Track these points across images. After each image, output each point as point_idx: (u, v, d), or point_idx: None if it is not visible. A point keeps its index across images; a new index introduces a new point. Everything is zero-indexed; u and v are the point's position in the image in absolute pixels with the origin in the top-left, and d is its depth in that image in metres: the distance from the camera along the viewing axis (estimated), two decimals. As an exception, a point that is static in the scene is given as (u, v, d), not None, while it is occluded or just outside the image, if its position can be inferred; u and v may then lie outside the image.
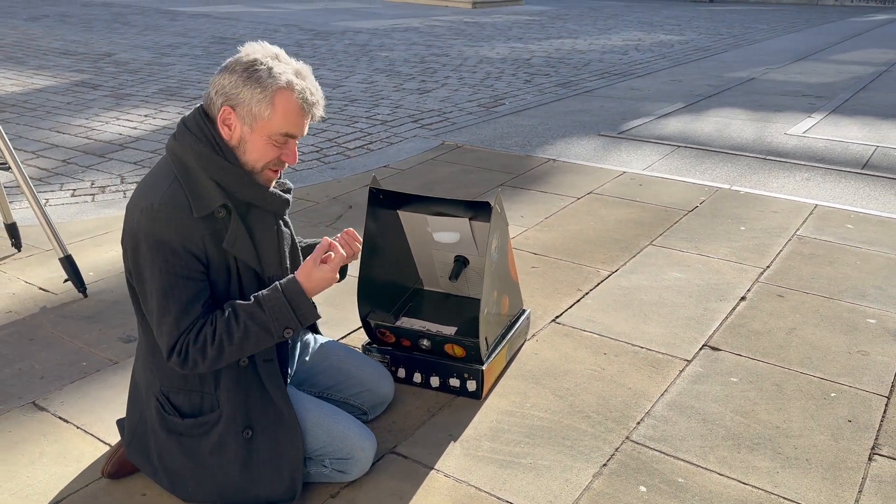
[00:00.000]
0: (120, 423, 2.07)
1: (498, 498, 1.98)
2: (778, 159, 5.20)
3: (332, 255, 1.82)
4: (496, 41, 11.71)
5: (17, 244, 3.52)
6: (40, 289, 3.18)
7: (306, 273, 1.79)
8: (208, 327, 1.73)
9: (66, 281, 3.12)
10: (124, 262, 1.84)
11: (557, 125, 6.15)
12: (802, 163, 5.12)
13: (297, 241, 2.05)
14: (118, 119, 6.23)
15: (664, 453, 2.17)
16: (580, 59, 9.96)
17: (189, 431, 1.88)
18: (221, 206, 1.75)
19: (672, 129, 6.04)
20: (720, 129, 6.07)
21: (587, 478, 2.06)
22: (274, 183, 1.89)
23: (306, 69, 1.79)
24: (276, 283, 1.80)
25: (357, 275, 2.48)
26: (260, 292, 1.78)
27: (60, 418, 2.31)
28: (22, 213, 4.00)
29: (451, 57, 9.91)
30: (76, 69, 8.47)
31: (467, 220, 2.48)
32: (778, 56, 10.62)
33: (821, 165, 5.05)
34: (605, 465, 2.12)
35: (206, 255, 1.75)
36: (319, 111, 1.80)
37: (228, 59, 1.75)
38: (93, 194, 4.43)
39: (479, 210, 2.44)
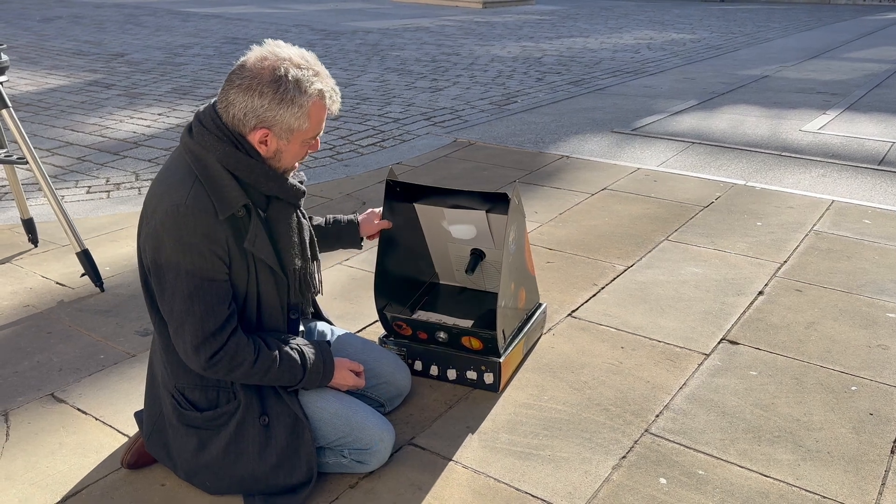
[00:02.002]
0: (138, 415, 2.07)
1: (517, 489, 1.97)
2: (793, 156, 5.16)
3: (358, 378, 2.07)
4: (507, 40, 11.69)
5: (33, 239, 3.53)
6: (57, 283, 3.19)
7: (341, 368, 2.01)
8: (248, 352, 1.78)
9: (82, 275, 3.13)
10: (140, 260, 1.83)
11: (570, 122, 6.13)
12: (818, 159, 5.08)
13: (313, 230, 2.06)
14: (132, 118, 6.26)
15: (684, 446, 2.15)
16: (592, 58, 9.93)
17: (207, 424, 1.88)
18: (242, 205, 1.76)
19: (685, 126, 6.02)
20: (734, 126, 6.03)
21: (606, 470, 2.05)
22: (292, 174, 1.90)
23: (316, 61, 1.78)
24: (322, 357, 1.94)
25: (373, 269, 2.47)
26: (307, 353, 1.90)
27: (79, 410, 2.32)
28: (38, 209, 4.02)
29: (462, 56, 9.91)
30: (89, 69, 8.52)
31: (484, 212, 2.48)
32: (791, 54, 10.56)
33: (837, 162, 5.01)
34: (624, 457, 2.10)
35: (229, 256, 1.76)
36: (338, 106, 1.83)
37: (244, 73, 1.70)
38: (108, 191, 4.45)
39: (496, 203, 2.43)
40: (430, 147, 5.31)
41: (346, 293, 3.04)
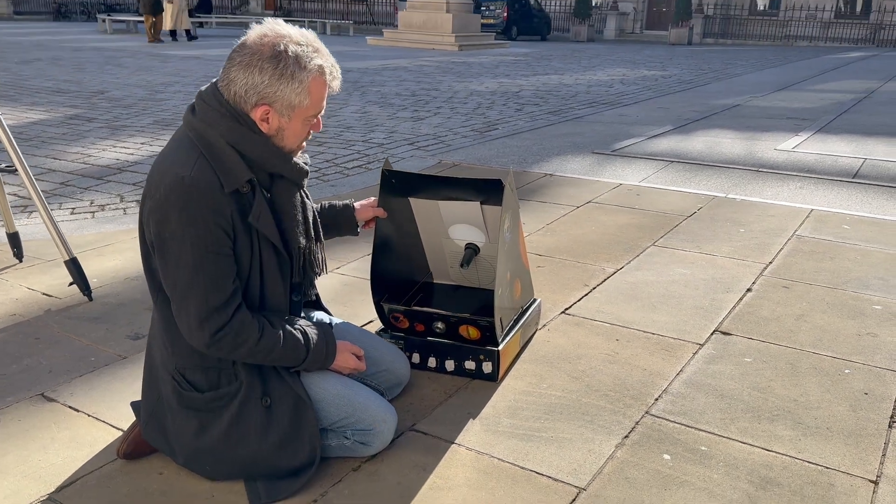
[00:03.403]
0: (135, 405, 2.04)
1: (522, 468, 1.96)
2: (770, 171, 5.29)
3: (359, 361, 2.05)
4: (484, 77, 11.91)
5: (18, 254, 3.49)
6: (44, 294, 3.14)
7: (343, 351, 2.00)
8: (252, 330, 1.77)
9: (70, 284, 3.09)
10: (141, 237, 1.82)
11: (551, 145, 6.23)
12: (794, 174, 5.21)
13: (316, 212, 2.06)
14: (114, 147, 6.26)
15: (685, 425, 2.16)
16: (567, 91, 10.14)
17: (208, 406, 1.86)
18: (247, 181, 1.76)
19: (663, 148, 6.14)
20: (710, 147, 6.17)
21: (610, 448, 2.05)
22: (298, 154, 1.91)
23: (316, 39, 1.81)
24: (325, 338, 1.93)
25: (365, 275, 2.47)
26: (311, 333, 1.89)
27: (71, 407, 2.27)
28: (23, 229, 3.97)
29: (441, 91, 10.06)
30: (69, 105, 8.51)
31: (478, 203, 2.50)
32: (760, 87, 10.87)
33: (813, 176, 5.13)
34: (626, 436, 2.10)
35: (234, 230, 1.75)
36: (339, 83, 1.85)
37: (244, 50, 1.72)
38: (92, 212, 4.42)
39: (490, 192, 2.44)
40: (416, 168, 5.36)
41: (339, 298, 3.04)
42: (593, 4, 30.13)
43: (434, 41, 19.04)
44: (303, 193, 1.96)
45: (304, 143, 1.89)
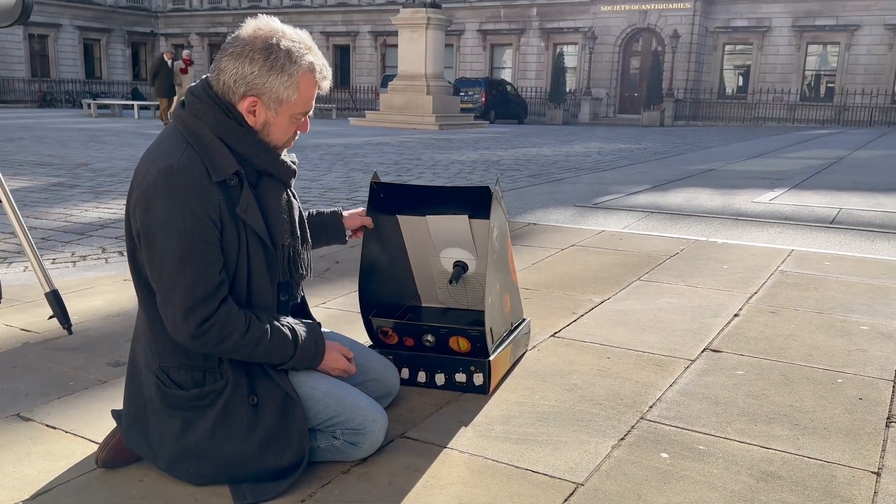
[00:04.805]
0: (115, 412, 1.97)
1: (517, 467, 1.90)
2: (749, 219, 5.38)
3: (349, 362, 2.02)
4: (465, 150, 12.17)
5: (-3, 295, 3.42)
6: (22, 329, 3.07)
7: (332, 350, 1.96)
8: (239, 322, 1.73)
9: (50, 318, 3.03)
10: (127, 230, 1.81)
11: (533, 201, 6.32)
12: (773, 221, 5.30)
13: (303, 213, 2.06)
14: (97, 208, 6.25)
15: (681, 428, 2.12)
16: (547, 160, 10.36)
17: (192, 404, 1.80)
18: (234, 173, 1.77)
19: (642, 202, 6.25)
20: (689, 200, 6.29)
21: (606, 448, 2.00)
22: (284, 152, 1.92)
23: (309, 39, 1.85)
24: (314, 336, 1.89)
25: (351, 309, 2.45)
26: (299, 330, 1.86)
27: (48, 426, 2.18)
28: (3, 277, 3.91)
29: (423, 160, 10.25)
30: (53, 175, 8.54)
31: (466, 217, 2.51)
32: (734, 155, 11.19)
33: (791, 222, 5.23)
34: (622, 438, 2.06)
35: (221, 221, 1.74)
36: (328, 83, 1.88)
37: (237, 42, 1.75)
38: (74, 261, 4.37)
39: (478, 205, 2.44)
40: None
41: (325, 324, 2.99)
42: (567, 90, 31.20)
43: (415, 121, 19.50)
44: (290, 193, 1.96)
45: (292, 142, 1.91)
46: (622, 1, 31.22)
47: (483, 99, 26.22)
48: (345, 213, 2.33)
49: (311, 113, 1.89)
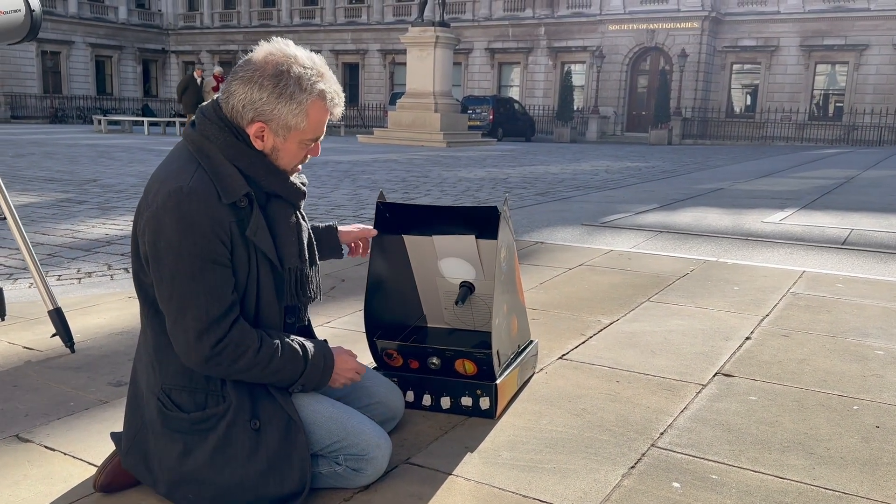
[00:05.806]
0: (115, 435, 1.93)
1: (524, 496, 1.85)
2: (759, 239, 5.33)
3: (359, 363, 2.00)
4: (472, 167, 12.16)
5: (1, 312, 3.40)
6: (24, 347, 3.04)
7: (339, 353, 1.93)
8: (252, 340, 1.71)
9: (53, 336, 3.00)
10: (134, 251, 1.78)
11: (541, 219, 6.29)
12: (784, 241, 5.25)
13: (311, 233, 2.03)
14: (104, 224, 6.25)
15: (693, 456, 2.06)
16: (554, 178, 10.34)
17: (193, 428, 1.76)
18: (244, 195, 1.74)
19: (651, 221, 6.20)
20: (698, 220, 6.24)
21: (616, 477, 1.94)
22: (294, 175, 1.90)
23: (323, 65, 1.82)
24: (323, 351, 1.86)
25: (356, 328, 2.41)
26: (308, 346, 1.82)
27: (46, 447, 2.15)
28: (8, 293, 3.89)
29: (430, 177, 10.24)
30: (61, 191, 8.57)
31: (473, 238, 2.47)
32: (743, 174, 11.13)
33: (802, 243, 5.17)
34: (633, 467, 2.00)
35: (232, 243, 1.71)
36: (340, 110, 1.84)
37: (248, 66, 1.72)
38: (79, 278, 4.35)
39: (485, 225, 2.41)
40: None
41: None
42: (575, 108, 31.25)
43: (423, 138, 19.55)
44: (299, 215, 1.93)
45: (300, 166, 1.88)
46: (630, 20, 31.37)
47: (491, 116, 26.29)
48: (340, 228, 2.30)
49: (321, 138, 1.86)
